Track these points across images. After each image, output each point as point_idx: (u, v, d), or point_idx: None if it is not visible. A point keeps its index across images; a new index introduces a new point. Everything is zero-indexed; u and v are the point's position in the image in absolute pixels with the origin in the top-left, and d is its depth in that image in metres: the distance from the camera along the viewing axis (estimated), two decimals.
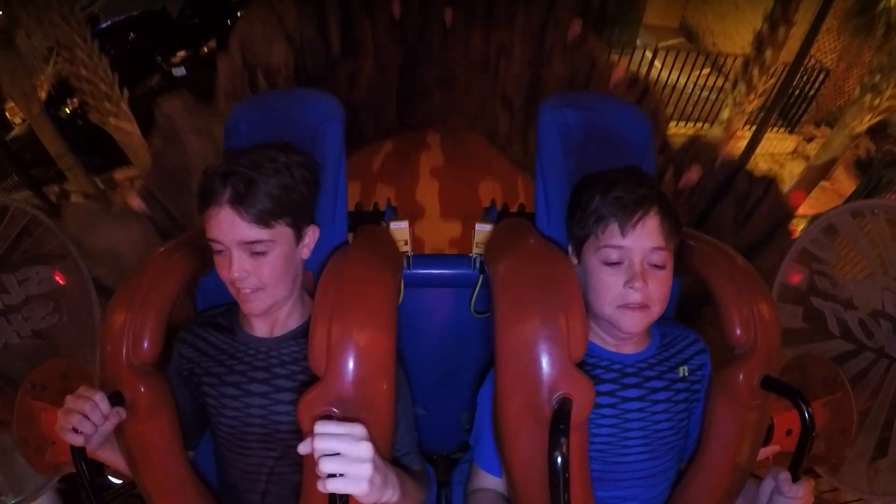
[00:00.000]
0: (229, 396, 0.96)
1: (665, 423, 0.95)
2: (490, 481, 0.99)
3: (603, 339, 0.97)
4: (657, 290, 0.88)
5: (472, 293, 1.27)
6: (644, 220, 0.87)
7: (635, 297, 0.87)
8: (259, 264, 0.87)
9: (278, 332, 0.98)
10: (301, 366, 0.95)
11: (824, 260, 1.34)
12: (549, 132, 1.10)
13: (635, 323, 0.89)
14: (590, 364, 0.95)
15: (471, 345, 1.37)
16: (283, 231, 0.89)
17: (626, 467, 0.95)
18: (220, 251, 0.88)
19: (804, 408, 0.85)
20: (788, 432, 1.03)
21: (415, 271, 1.25)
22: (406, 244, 1.21)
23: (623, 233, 0.87)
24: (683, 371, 0.98)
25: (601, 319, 0.93)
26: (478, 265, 1.24)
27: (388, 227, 1.19)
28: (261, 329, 0.98)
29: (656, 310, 0.89)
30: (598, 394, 0.92)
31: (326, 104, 1.10)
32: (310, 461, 0.72)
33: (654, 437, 0.95)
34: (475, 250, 1.22)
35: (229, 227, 0.85)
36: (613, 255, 0.88)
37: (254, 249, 0.87)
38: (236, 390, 0.95)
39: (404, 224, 1.20)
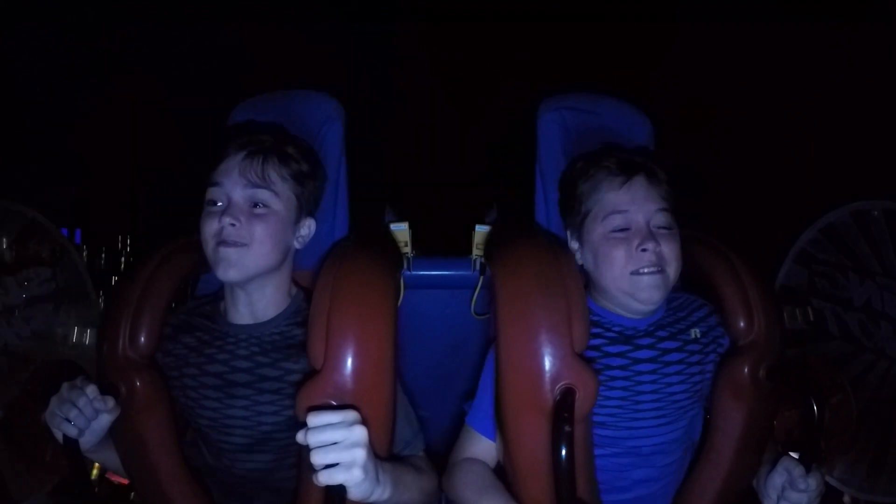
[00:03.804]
0: (210, 387, 0.93)
1: (679, 386, 0.93)
2: (482, 445, 0.95)
3: (612, 306, 0.96)
4: (669, 250, 0.88)
5: (473, 294, 1.27)
6: (644, 182, 0.89)
7: (649, 257, 0.87)
8: (254, 219, 0.89)
9: (261, 318, 0.95)
10: (285, 368, 0.91)
11: (824, 260, 1.34)
12: (549, 133, 1.11)
13: (652, 291, 0.88)
14: (602, 327, 0.94)
15: (471, 346, 1.37)
16: (288, 196, 0.92)
17: (639, 433, 0.93)
18: (215, 203, 0.90)
19: (813, 397, 0.83)
20: (789, 433, 1.03)
21: (415, 272, 1.25)
22: (406, 245, 1.21)
23: (624, 194, 0.88)
24: (695, 333, 0.97)
25: (616, 295, 0.92)
26: (478, 266, 1.24)
27: (387, 228, 1.19)
28: (242, 316, 0.95)
29: (672, 271, 0.89)
30: (608, 355, 0.92)
31: (327, 105, 1.11)
32: (306, 458, 0.71)
33: (668, 401, 0.93)
34: (475, 252, 1.22)
35: (244, 169, 0.89)
36: (619, 221, 0.89)
37: (256, 198, 0.89)
38: (217, 380, 0.92)
39: (404, 226, 1.20)
